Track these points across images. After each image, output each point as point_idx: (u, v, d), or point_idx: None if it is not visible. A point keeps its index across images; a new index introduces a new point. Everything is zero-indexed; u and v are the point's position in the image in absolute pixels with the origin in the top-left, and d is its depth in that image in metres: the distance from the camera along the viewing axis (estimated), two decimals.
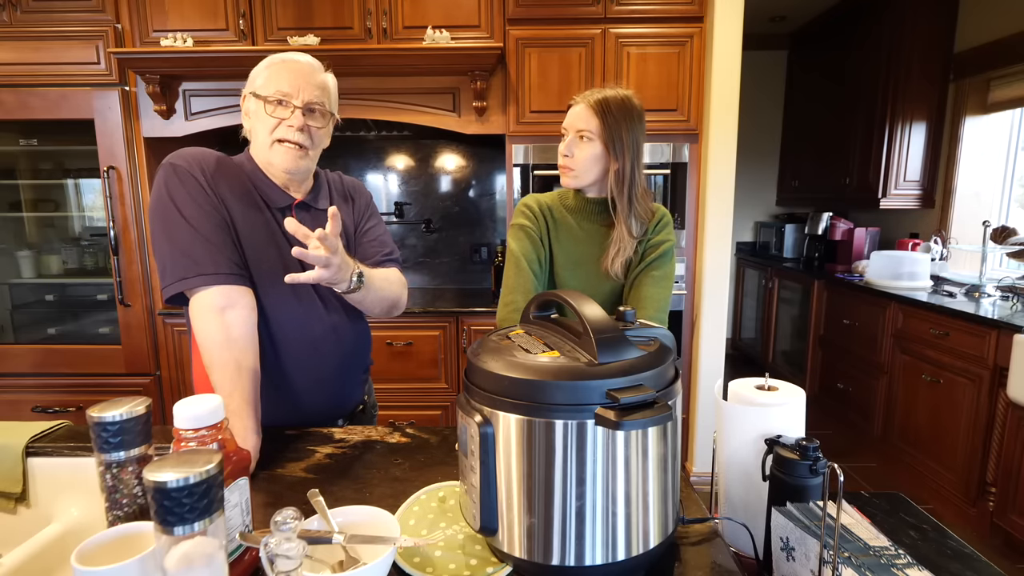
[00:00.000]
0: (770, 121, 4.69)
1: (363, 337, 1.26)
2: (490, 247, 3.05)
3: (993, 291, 2.64)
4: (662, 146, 2.48)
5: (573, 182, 1.25)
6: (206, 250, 0.98)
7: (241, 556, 0.65)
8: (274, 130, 1.03)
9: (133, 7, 2.37)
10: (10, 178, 2.69)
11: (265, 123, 1.03)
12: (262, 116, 1.03)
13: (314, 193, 1.15)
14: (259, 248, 1.05)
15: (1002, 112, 3.03)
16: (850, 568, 0.61)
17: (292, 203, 1.11)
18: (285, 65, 1.04)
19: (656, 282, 1.24)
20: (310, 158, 1.08)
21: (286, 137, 1.03)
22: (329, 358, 1.15)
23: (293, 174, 1.08)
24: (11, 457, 0.93)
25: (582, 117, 1.21)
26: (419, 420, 2.53)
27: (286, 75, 1.03)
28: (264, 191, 1.08)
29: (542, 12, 2.39)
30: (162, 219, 0.99)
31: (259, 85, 1.04)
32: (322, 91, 1.06)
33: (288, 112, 1.02)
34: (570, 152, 1.22)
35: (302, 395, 1.13)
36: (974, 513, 2.31)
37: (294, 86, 1.02)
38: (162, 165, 1.02)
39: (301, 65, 1.05)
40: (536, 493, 0.62)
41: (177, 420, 0.60)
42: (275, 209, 1.09)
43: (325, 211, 1.15)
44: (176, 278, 0.97)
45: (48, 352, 2.52)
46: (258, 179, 1.08)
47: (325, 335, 1.13)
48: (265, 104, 1.02)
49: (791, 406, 0.77)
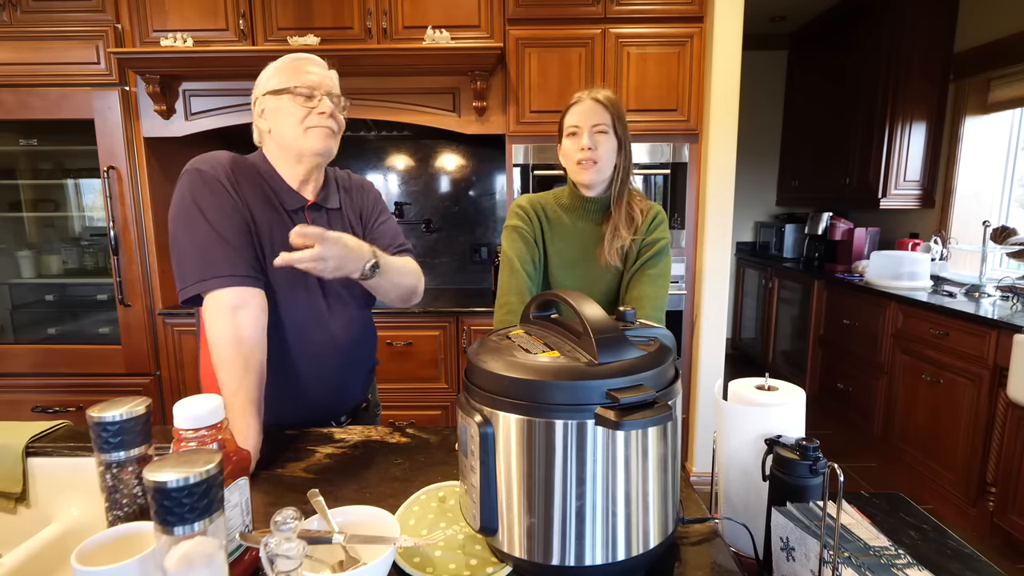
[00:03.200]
0: (770, 121, 4.69)
1: (370, 336, 1.28)
2: (490, 247, 3.05)
3: (993, 291, 2.64)
4: (662, 146, 2.48)
5: (597, 176, 1.25)
6: (225, 253, 1.00)
7: (241, 556, 0.65)
8: (305, 119, 1.07)
9: (133, 7, 2.37)
10: (10, 178, 2.68)
11: (295, 114, 1.06)
12: (290, 109, 1.06)
13: (324, 193, 1.17)
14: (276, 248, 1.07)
15: (1002, 112, 3.03)
16: (850, 568, 0.61)
17: (305, 204, 1.13)
18: (303, 61, 1.09)
19: (652, 280, 1.25)
20: (336, 141, 1.12)
21: (320, 124, 1.07)
22: (337, 356, 1.17)
23: (324, 156, 1.11)
24: (11, 457, 0.93)
25: (596, 112, 1.23)
26: (419, 420, 2.53)
27: (307, 71, 1.08)
28: (278, 193, 1.11)
29: (542, 12, 2.39)
30: (185, 223, 1.01)
31: (276, 83, 1.08)
32: (333, 82, 1.12)
33: (317, 101, 1.07)
34: (593, 145, 1.23)
35: (308, 391, 1.15)
36: (974, 513, 2.31)
37: (319, 77, 1.08)
38: (185, 170, 1.04)
39: (316, 60, 1.11)
40: (536, 493, 0.62)
41: (177, 420, 0.61)
42: (289, 211, 1.11)
43: (337, 210, 1.19)
44: (195, 280, 0.99)
45: (48, 352, 2.52)
46: (273, 181, 1.11)
47: (334, 334, 1.16)
48: (293, 97, 1.06)
49: (791, 406, 0.77)
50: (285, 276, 1.08)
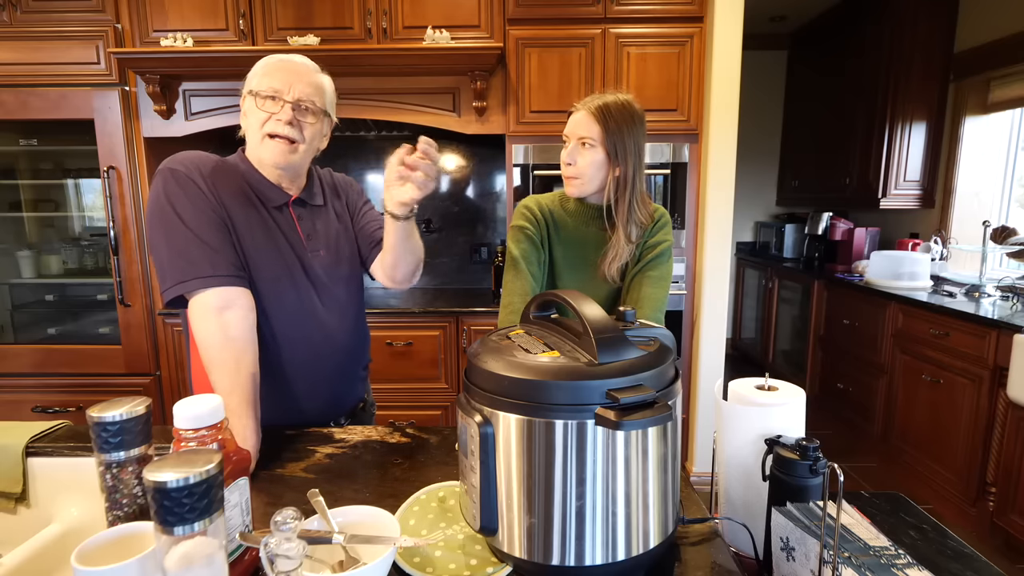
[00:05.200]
0: (770, 121, 4.68)
1: (362, 334, 1.27)
2: (490, 247, 3.04)
3: (993, 291, 2.64)
4: (662, 146, 2.48)
5: (578, 191, 1.23)
6: (203, 253, 0.98)
7: (241, 556, 0.65)
8: (264, 124, 1.04)
9: (133, 7, 2.37)
10: (10, 178, 2.68)
11: (256, 117, 1.04)
12: (255, 112, 1.04)
13: (308, 190, 1.16)
14: (258, 247, 1.07)
15: (1002, 112, 3.03)
16: (850, 568, 0.61)
17: (288, 200, 1.12)
18: (280, 63, 1.06)
19: (653, 282, 1.24)
20: (299, 153, 1.07)
21: (276, 131, 1.03)
22: (330, 356, 1.16)
23: (284, 169, 1.09)
24: (11, 457, 0.93)
25: (583, 124, 1.20)
26: (419, 420, 2.53)
27: (280, 73, 1.05)
28: (260, 190, 1.09)
29: (542, 12, 2.39)
30: (161, 224, 0.99)
31: (254, 84, 1.05)
32: (315, 89, 1.07)
33: (278, 107, 1.03)
34: (573, 160, 1.21)
35: (303, 393, 1.14)
36: (974, 513, 2.31)
37: (286, 83, 1.04)
38: (159, 171, 1.02)
39: (295, 64, 1.07)
40: (536, 493, 0.62)
41: (177, 420, 0.60)
42: (272, 208, 1.09)
43: (321, 207, 1.18)
44: (175, 281, 0.98)
45: (48, 352, 2.52)
46: (253, 178, 1.09)
47: (325, 333, 1.14)
48: (256, 99, 1.03)
49: (791, 406, 0.77)
50: (272, 274, 1.07)
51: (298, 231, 1.12)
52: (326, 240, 1.16)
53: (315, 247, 1.14)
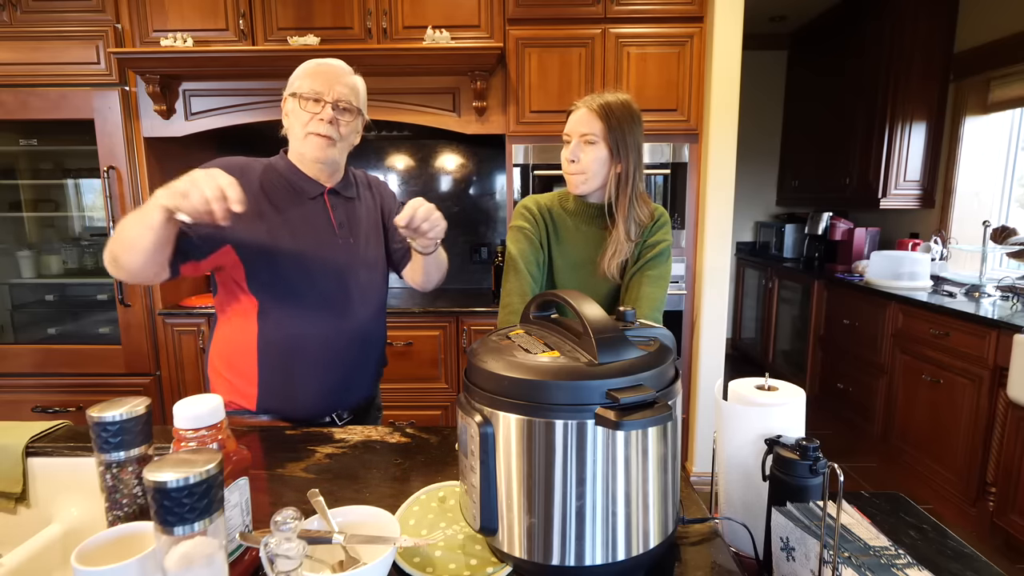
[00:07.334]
0: (770, 121, 4.68)
1: (380, 327, 1.34)
2: (490, 247, 3.04)
3: (993, 291, 2.64)
4: (662, 146, 2.48)
5: (583, 187, 1.24)
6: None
7: (241, 556, 0.65)
8: (307, 124, 1.13)
9: (133, 7, 2.37)
10: (10, 178, 2.68)
11: (300, 118, 1.13)
12: (298, 112, 1.13)
13: (344, 183, 1.25)
14: (293, 229, 1.15)
15: (1002, 112, 3.03)
16: (850, 568, 0.61)
17: (324, 191, 1.20)
18: (320, 68, 1.16)
19: (652, 282, 1.24)
20: (337, 149, 1.17)
21: (318, 131, 1.12)
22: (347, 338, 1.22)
23: (324, 163, 1.18)
24: (11, 457, 0.93)
25: (585, 121, 1.20)
26: (419, 420, 2.53)
27: (320, 76, 1.14)
28: (298, 184, 1.18)
29: (542, 12, 2.39)
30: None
31: (297, 87, 1.14)
32: (351, 90, 1.16)
33: (320, 107, 1.12)
34: (576, 157, 1.22)
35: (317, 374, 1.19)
36: (974, 513, 2.31)
37: (327, 85, 1.13)
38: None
39: (334, 67, 1.17)
40: (536, 493, 0.62)
41: (177, 420, 0.61)
42: (308, 199, 1.18)
43: (354, 199, 1.26)
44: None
45: (48, 352, 2.52)
46: (292, 174, 1.18)
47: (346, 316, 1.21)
48: (300, 100, 1.13)
49: (791, 406, 0.77)
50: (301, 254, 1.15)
51: (331, 218, 1.20)
52: (355, 230, 1.24)
53: (344, 235, 1.21)
